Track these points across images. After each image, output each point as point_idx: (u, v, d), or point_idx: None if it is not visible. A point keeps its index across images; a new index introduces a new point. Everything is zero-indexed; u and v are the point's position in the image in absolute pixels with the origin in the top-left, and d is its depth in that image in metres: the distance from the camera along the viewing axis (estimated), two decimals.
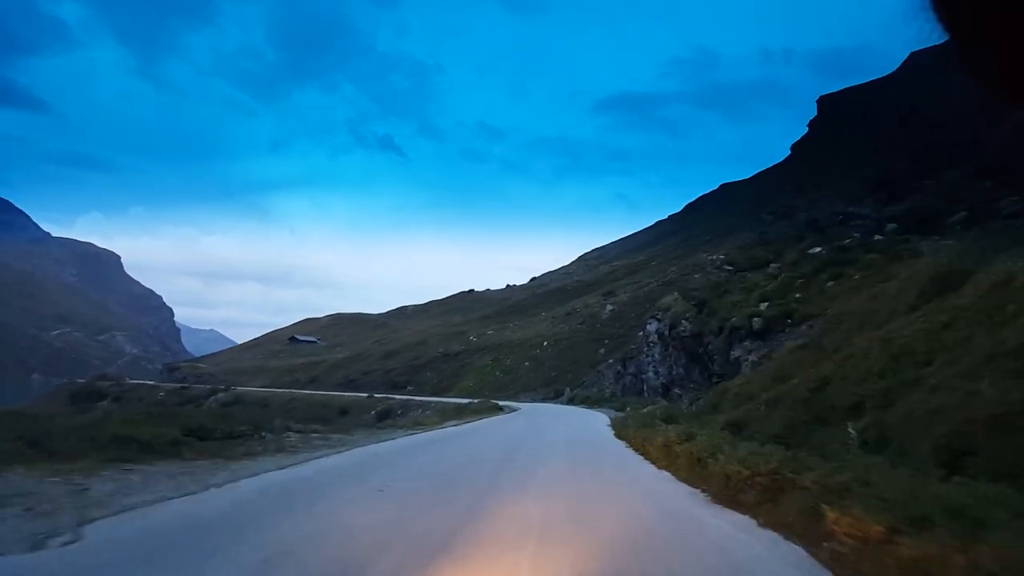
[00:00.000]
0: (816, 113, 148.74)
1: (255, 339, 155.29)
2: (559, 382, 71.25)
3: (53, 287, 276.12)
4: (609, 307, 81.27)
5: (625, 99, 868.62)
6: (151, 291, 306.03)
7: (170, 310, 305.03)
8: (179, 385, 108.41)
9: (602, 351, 74.23)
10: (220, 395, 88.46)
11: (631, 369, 47.93)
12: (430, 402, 64.09)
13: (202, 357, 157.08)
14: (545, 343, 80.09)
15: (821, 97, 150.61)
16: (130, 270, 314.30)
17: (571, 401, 56.57)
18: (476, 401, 52.24)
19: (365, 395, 77.27)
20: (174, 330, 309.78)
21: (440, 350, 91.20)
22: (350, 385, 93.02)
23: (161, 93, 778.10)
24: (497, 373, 79.14)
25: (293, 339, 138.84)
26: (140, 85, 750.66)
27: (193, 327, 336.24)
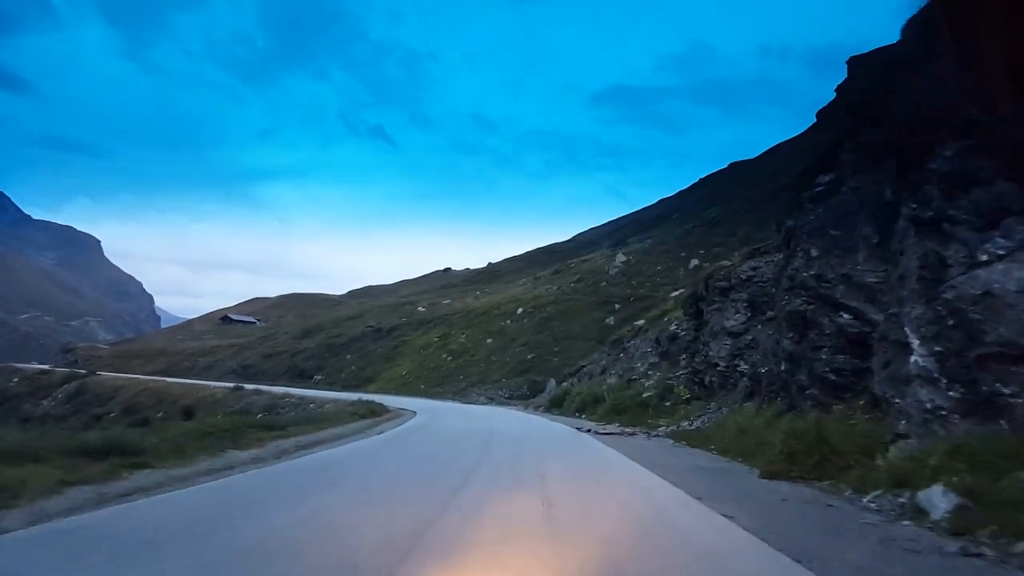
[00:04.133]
0: (846, 76, 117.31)
1: (189, 320, 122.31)
2: (538, 369, 37.92)
3: (27, 270, 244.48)
4: (621, 258, 47.74)
5: (620, 93, 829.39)
6: (131, 277, 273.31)
7: (150, 297, 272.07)
8: (39, 370, 76.63)
9: (611, 320, 40.89)
10: (73, 384, 59.08)
11: (729, 320, 14.49)
12: (313, 399, 33.07)
13: (127, 340, 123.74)
14: (519, 310, 46.64)
15: (852, 58, 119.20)
16: (115, 257, 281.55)
17: (556, 406, 23.07)
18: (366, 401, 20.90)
19: (231, 386, 44.99)
20: (153, 317, 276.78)
21: (370, 324, 57.68)
22: (244, 372, 59.92)
23: (150, 77, 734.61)
24: (443, 355, 45.68)
25: (226, 318, 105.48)
26: (128, 68, 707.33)
27: (179, 315, 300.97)
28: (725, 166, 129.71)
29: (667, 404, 16.47)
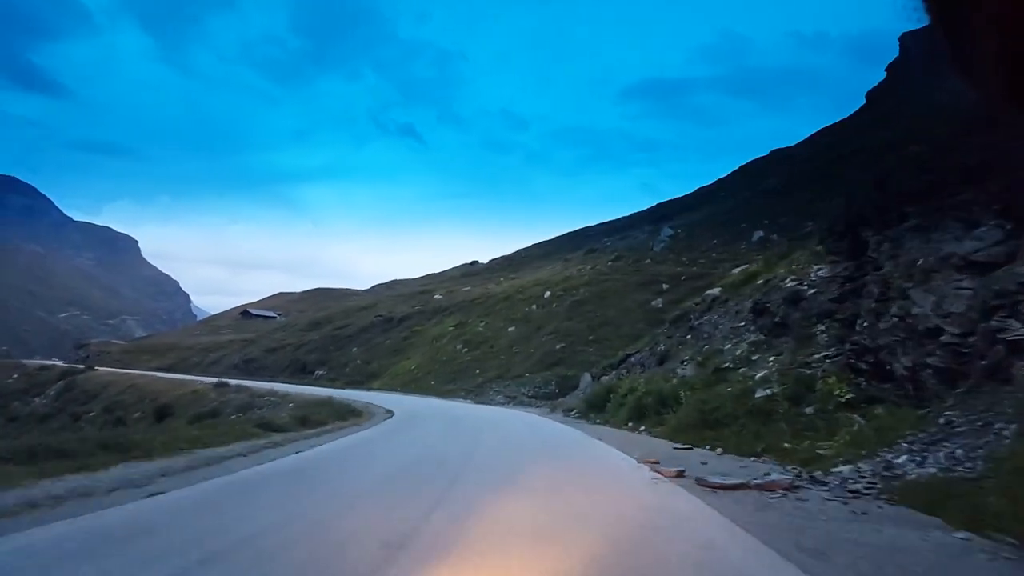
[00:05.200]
0: (898, 53, 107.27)
1: (214, 315, 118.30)
2: (570, 361, 30.31)
3: (66, 271, 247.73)
4: (668, 231, 39.71)
5: (651, 86, 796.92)
6: (168, 276, 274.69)
7: (186, 296, 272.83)
8: (40, 366, 73.11)
9: (658, 302, 33.07)
10: (66, 380, 54.55)
11: (962, 244, 6.47)
12: (294, 397, 25.79)
13: (147, 336, 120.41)
14: (547, 294, 38.98)
15: (904, 35, 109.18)
16: (154, 257, 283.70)
17: (594, 409, 15.37)
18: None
19: (214, 381, 39.02)
20: (190, 316, 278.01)
21: (379, 314, 50.70)
22: (245, 367, 53.66)
23: (185, 81, 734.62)
24: (458, 346, 38.32)
25: (246, 313, 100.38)
26: (164, 72, 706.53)
27: (216, 314, 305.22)
28: (767, 153, 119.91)
29: (808, 411, 8.72)
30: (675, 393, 11.43)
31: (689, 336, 16.59)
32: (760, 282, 14.96)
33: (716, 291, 17.58)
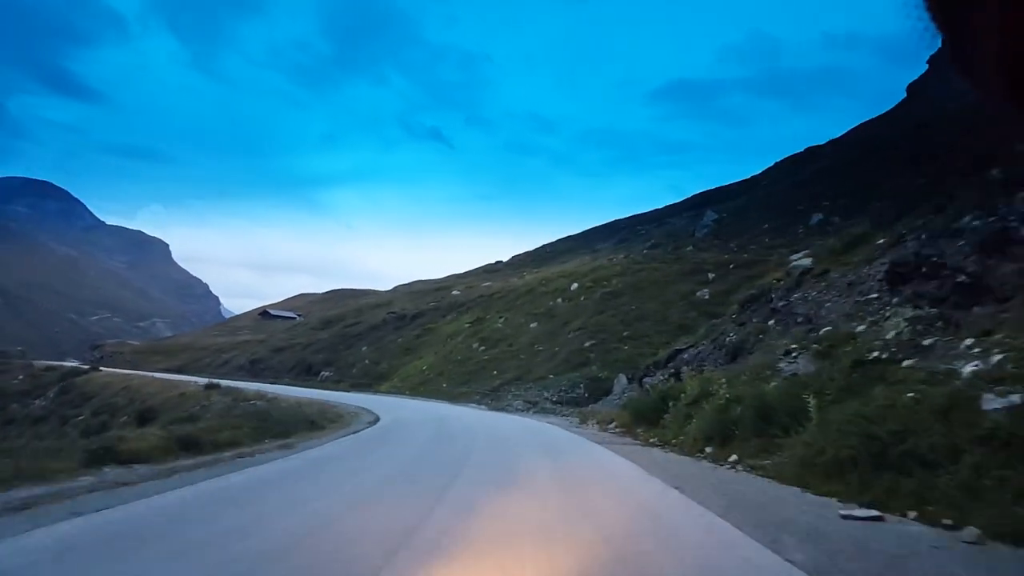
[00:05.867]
0: (940, 45, 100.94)
1: (234, 316, 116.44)
2: (601, 361, 25.75)
3: (98, 273, 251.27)
4: (712, 215, 34.93)
5: (679, 88, 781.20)
6: (198, 279, 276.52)
7: (216, 299, 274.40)
8: (46, 367, 70.64)
9: (704, 293, 28.33)
10: (66, 382, 51.59)
11: None
12: (285, 400, 21.06)
13: (167, 337, 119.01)
14: (574, 286, 34.42)
15: None
16: (184, 260, 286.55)
17: (642, 421, 11.07)
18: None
19: (204, 382, 35.25)
20: (219, 318, 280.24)
21: (392, 311, 46.69)
22: (251, 368, 50.15)
23: (216, 86, 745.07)
24: (474, 345, 34.01)
25: (265, 314, 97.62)
26: (195, 78, 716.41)
27: (238, 314, 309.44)
28: (801, 150, 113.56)
29: None
30: (792, 400, 6.85)
31: (773, 321, 11.97)
32: (880, 241, 10.27)
33: (807, 262, 12.91)
